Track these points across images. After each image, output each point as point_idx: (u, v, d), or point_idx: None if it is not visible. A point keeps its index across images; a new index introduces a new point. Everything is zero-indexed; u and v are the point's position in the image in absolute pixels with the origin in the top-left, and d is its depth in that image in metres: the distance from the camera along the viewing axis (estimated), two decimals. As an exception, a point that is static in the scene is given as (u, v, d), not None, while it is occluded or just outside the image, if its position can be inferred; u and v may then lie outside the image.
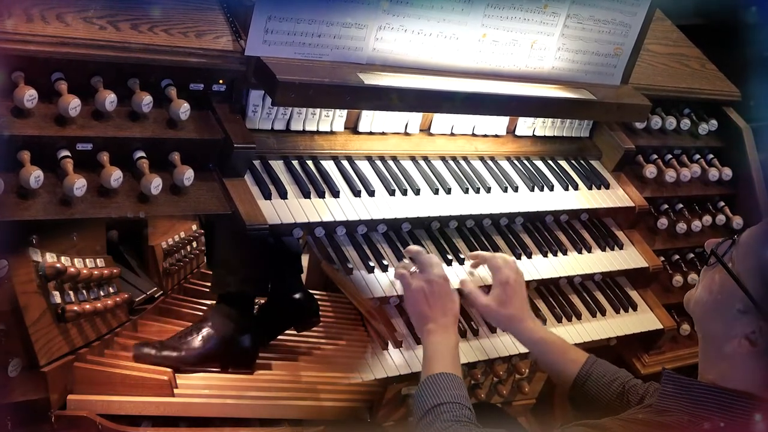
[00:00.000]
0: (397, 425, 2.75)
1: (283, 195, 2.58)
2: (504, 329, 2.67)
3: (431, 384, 2.17)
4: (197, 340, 2.46)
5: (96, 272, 2.28)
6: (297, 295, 2.75)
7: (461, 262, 2.82)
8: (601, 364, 2.43)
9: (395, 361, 2.58)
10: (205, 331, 2.49)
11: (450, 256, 2.82)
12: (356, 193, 2.73)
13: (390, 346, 2.60)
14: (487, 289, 2.59)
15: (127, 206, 2.30)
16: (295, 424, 2.36)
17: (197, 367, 2.44)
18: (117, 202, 2.29)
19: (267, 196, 2.55)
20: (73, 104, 2.22)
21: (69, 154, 2.24)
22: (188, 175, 2.38)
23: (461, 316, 2.74)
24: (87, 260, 2.30)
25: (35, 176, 2.12)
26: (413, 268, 2.45)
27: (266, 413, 2.32)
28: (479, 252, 2.75)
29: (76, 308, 2.14)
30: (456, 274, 2.75)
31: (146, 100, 2.35)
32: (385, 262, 2.68)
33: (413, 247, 2.54)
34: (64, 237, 2.26)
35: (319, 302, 2.84)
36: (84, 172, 2.23)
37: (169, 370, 2.29)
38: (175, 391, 2.26)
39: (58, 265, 2.13)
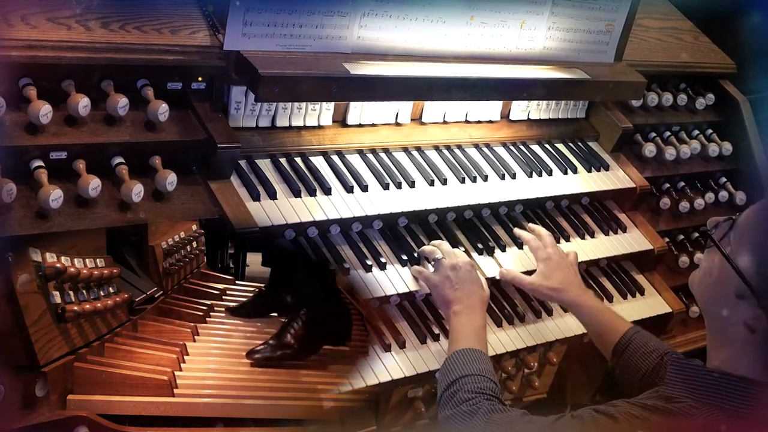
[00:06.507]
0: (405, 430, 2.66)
1: (273, 195, 2.50)
2: (553, 301, 2.77)
3: (456, 358, 2.23)
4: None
5: (96, 272, 2.24)
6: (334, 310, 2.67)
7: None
8: (643, 335, 2.48)
9: (399, 363, 2.50)
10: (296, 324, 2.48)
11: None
12: (349, 189, 2.64)
13: (393, 348, 2.50)
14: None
15: (108, 216, 2.23)
16: (295, 424, 2.33)
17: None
18: (97, 212, 2.21)
19: (255, 197, 2.47)
20: (44, 110, 2.13)
21: (42, 164, 2.16)
22: (171, 179, 2.31)
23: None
24: (87, 260, 2.26)
25: (7, 190, 2.03)
26: (438, 255, 2.54)
27: (266, 413, 2.29)
28: (521, 233, 2.83)
29: (76, 308, 2.11)
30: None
31: (122, 103, 2.27)
32: (383, 260, 2.60)
33: (427, 247, 2.61)
34: (63, 237, 2.19)
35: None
36: (60, 182, 2.16)
37: (169, 370, 2.25)
38: (175, 391, 2.23)
39: (58, 265, 2.08)
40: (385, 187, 2.71)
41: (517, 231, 2.86)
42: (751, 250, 1.78)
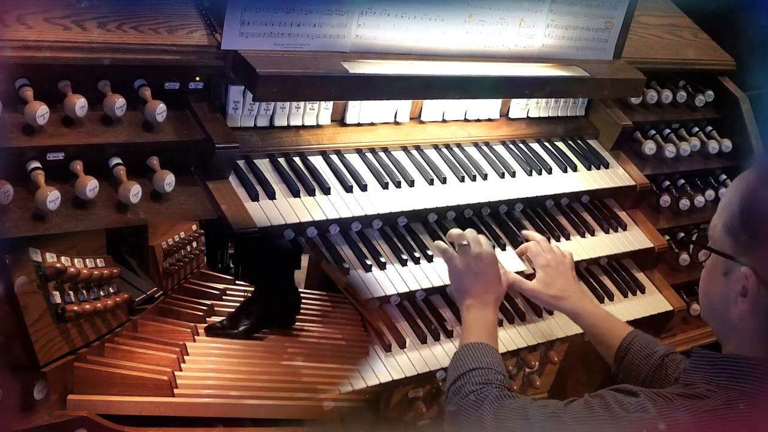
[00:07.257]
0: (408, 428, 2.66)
1: (271, 195, 2.49)
2: (553, 309, 2.75)
3: (464, 352, 2.24)
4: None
5: (96, 272, 2.24)
6: (286, 294, 2.69)
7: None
8: (643, 337, 2.49)
9: (399, 363, 2.48)
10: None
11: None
12: (348, 189, 2.63)
13: (393, 348, 2.49)
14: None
15: (106, 217, 2.21)
16: (295, 424, 2.32)
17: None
18: (95, 214, 2.20)
19: (254, 197, 2.45)
20: (41, 111, 2.12)
21: (39, 166, 2.14)
22: (169, 180, 2.29)
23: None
24: (87, 260, 2.25)
25: (4, 191, 2.02)
26: (464, 241, 2.49)
27: (266, 413, 2.28)
28: (522, 246, 2.85)
29: (76, 308, 2.11)
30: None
31: (119, 103, 2.26)
32: (382, 260, 2.59)
33: (455, 231, 2.56)
34: (63, 238, 2.19)
35: (319, 302, 2.78)
36: (57, 183, 2.15)
37: (168, 370, 2.25)
38: (175, 391, 2.23)
39: (58, 265, 2.08)
40: (385, 186, 2.70)
41: (524, 233, 2.90)
42: (723, 221, 1.84)
